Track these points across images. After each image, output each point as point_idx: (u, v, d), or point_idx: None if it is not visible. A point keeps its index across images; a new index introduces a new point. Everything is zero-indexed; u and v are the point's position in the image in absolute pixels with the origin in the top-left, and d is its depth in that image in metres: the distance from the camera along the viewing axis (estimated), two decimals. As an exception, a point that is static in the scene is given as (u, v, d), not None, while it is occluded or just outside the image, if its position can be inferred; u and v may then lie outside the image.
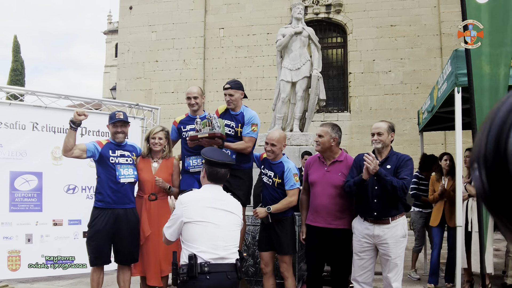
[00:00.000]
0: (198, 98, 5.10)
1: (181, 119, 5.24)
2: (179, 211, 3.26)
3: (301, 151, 7.74)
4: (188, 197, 3.35)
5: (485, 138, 0.63)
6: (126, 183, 4.87)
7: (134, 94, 16.41)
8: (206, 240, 3.21)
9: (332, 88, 15.42)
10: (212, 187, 3.46)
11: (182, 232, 3.25)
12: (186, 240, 3.23)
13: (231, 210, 3.42)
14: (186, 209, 3.24)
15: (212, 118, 4.62)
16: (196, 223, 3.22)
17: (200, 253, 3.15)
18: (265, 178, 4.80)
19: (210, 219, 3.26)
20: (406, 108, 14.68)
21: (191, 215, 3.23)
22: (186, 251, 3.20)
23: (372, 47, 15.22)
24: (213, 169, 3.44)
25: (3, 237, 6.67)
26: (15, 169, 6.86)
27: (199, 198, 3.38)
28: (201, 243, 3.19)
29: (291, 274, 4.74)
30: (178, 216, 3.25)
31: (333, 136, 4.54)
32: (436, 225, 6.51)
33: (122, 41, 17.50)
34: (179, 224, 3.24)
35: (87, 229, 4.94)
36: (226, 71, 16.09)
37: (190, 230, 3.22)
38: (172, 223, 3.30)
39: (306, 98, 8.70)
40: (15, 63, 35.15)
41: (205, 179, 3.49)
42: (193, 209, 3.25)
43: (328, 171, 4.56)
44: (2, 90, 7.45)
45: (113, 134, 4.96)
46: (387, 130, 4.38)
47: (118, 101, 9.28)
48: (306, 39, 8.69)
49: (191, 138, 4.78)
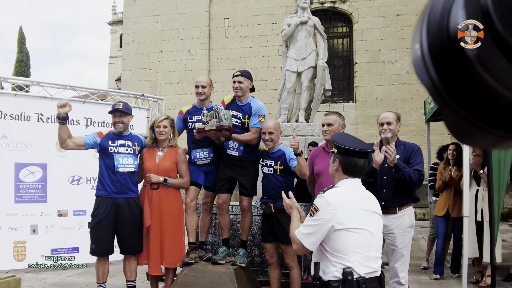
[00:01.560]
0: (206, 88, 5.05)
1: (187, 109, 5.20)
2: (326, 214, 2.63)
3: (307, 142, 7.69)
4: (337, 197, 2.71)
5: (426, 18, 0.59)
6: (125, 173, 4.88)
7: (139, 84, 16.39)
8: (361, 251, 2.67)
9: (338, 78, 15.33)
10: (355, 183, 2.88)
11: (330, 240, 2.66)
12: (335, 251, 2.65)
13: (378, 212, 2.89)
14: (337, 212, 2.63)
15: (219, 110, 4.58)
16: (351, 230, 2.64)
17: (356, 267, 2.62)
18: (265, 168, 4.77)
19: (365, 225, 2.71)
20: (412, 98, 14.59)
21: (344, 221, 2.64)
22: (337, 264, 2.63)
23: (378, 36, 15.11)
24: (350, 159, 2.84)
25: (9, 228, 6.72)
26: (20, 161, 6.88)
27: (349, 198, 2.77)
28: (356, 255, 2.65)
29: (296, 264, 4.72)
30: (325, 220, 2.63)
31: (342, 124, 4.61)
32: (441, 215, 6.50)
33: (127, 32, 17.46)
34: (326, 231, 2.63)
35: (91, 218, 4.96)
36: (231, 61, 16.03)
37: (343, 238, 2.64)
38: (314, 229, 2.66)
39: (312, 88, 8.64)
40: (20, 55, 35.21)
41: (339, 173, 2.90)
42: (346, 212, 2.67)
43: None
44: (8, 81, 7.45)
45: (113, 124, 5.00)
46: (395, 119, 4.41)
47: (123, 91, 9.27)
48: (312, 28, 8.61)
49: (198, 130, 4.75)
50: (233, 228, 5.73)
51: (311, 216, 2.68)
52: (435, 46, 0.58)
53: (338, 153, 2.89)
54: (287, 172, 4.67)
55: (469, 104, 0.57)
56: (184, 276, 4.71)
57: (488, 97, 0.55)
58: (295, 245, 2.78)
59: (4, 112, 6.80)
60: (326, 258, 2.67)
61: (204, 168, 5.06)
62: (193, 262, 4.81)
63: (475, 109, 0.57)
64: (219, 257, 4.87)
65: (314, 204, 2.71)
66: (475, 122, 0.58)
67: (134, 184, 4.97)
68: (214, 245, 5.89)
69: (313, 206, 2.70)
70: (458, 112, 0.58)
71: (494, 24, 0.52)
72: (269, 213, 4.70)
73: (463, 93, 0.57)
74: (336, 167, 2.89)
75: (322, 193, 2.72)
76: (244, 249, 5.00)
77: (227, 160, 4.96)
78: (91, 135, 4.96)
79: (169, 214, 4.91)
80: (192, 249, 4.96)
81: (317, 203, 2.70)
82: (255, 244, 5.74)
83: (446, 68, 0.57)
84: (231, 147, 4.89)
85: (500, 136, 0.59)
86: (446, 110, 0.59)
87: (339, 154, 2.88)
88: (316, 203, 2.71)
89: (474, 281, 6.10)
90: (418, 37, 0.60)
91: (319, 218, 2.65)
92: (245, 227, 4.99)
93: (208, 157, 5.01)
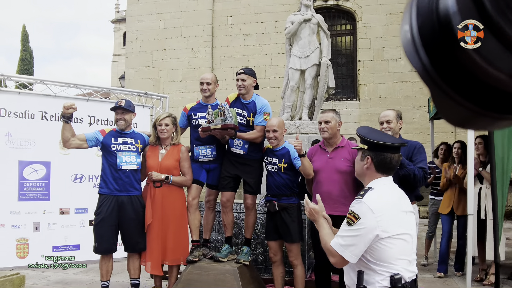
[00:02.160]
0: (210, 85, 5.04)
1: (192, 106, 5.18)
2: (369, 222, 2.35)
3: (310, 140, 7.68)
4: (378, 202, 2.42)
5: None
6: (128, 170, 4.88)
7: (143, 82, 16.41)
8: (405, 256, 2.46)
9: (341, 76, 15.30)
10: (390, 181, 2.61)
11: (373, 250, 2.39)
12: (380, 260, 2.40)
13: (412, 210, 2.65)
14: (381, 219, 2.36)
15: (224, 109, 4.58)
16: (396, 237, 2.39)
17: (403, 273, 2.41)
18: (270, 166, 4.77)
19: (407, 228, 2.47)
20: (416, 96, 14.55)
21: (389, 227, 2.38)
22: (383, 272, 2.40)
23: (382, 34, 15.07)
24: (385, 155, 2.56)
25: (12, 226, 6.74)
26: (23, 158, 6.90)
27: (390, 201, 2.49)
28: (402, 262, 2.43)
29: (300, 262, 4.72)
30: (368, 229, 2.35)
31: (338, 121, 4.57)
32: (446, 213, 6.50)
33: (130, 30, 17.47)
34: (370, 240, 2.36)
35: (94, 216, 4.96)
36: (234, 59, 16.03)
37: (388, 247, 2.38)
38: (356, 240, 2.37)
39: (315, 86, 8.63)
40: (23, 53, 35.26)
41: (371, 171, 2.60)
42: (390, 218, 2.40)
43: (331, 158, 4.55)
44: (12, 79, 7.46)
45: (115, 121, 5.02)
46: (395, 117, 4.41)
47: (127, 89, 9.28)
48: (315, 26, 8.60)
49: (203, 129, 4.74)
50: (237, 226, 5.74)
51: (351, 225, 2.39)
52: (425, 29, 0.57)
53: (369, 149, 2.60)
54: (292, 170, 4.67)
55: (460, 86, 0.57)
56: (188, 274, 4.72)
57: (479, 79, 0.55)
58: (332, 258, 2.46)
59: (8, 110, 6.81)
60: (369, 267, 2.42)
61: (206, 166, 5.05)
62: (197, 260, 4.82)
63: (466, 91, 0.57)
64: (221, 255, 4.87)
65: (352, 211, 2.43)
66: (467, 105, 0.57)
67: (137, 182, 4.97)
68: (217, 243, 5.89)
69: (351, 214, 2.42)
70: (449, 95, 0.58)
71: (484, 5, 0.51)
72: (273, 211, 4.70)
73: (454, 75, 0.56)
74: (368, 165, 2.59)
75: (360, 198, 2.44)
76: (248, 247, 5.00)
77: (231, 158, 4.95)
78: (94, 132, 4.97)
79: (172, 212, 4.91)
80: (196, 247, 4.96)
81: (357, 210, 2.40)
82: (259, 242, 5.75)
83: (437, 50, 0.57)
84: (235, 145, 4.89)
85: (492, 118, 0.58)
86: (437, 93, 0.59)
87: (370, 150, 2.59)
88: (355, 210, 2.41)
89: (478, 279, 6.08)
90: (407, 18, 0.60)
91: (361, 228, 2.36)
92: (249, 224, 4.99)
93: (210, 154, 5.00)
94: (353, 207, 2.44)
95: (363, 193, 2.47)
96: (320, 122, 4.58)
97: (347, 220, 2.43)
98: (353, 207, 2.44)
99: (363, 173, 2.64)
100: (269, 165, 4.76)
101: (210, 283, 4.59)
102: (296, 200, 4.76)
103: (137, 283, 4.99)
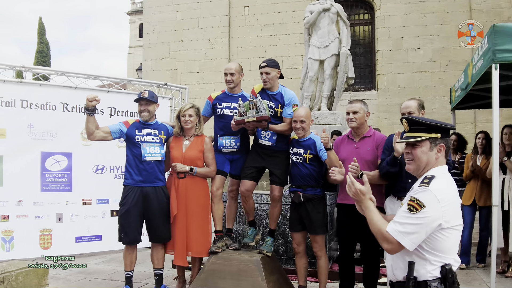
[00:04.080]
0: (234, 75, 4.98)
1: (217, 95, 5.14)
2: (434, 212, 2.29)
3: (329, 130, 7.65)
4: (445, 192, 2.36)
5: None
6: (152, 162, 4.89)
7: (160, 74, 16.45)
8: (457, 247, 2.45)
9: (359, 66, 15.16)
10: (447, 170, 2.54)
11: (432, 239, 2.34)
12: (436, 250, 2.36)
13: None
14: (446, 209, 2.31)
15: (256, 101, 4.56)
16: (455, 228, 2.37)
17: (452, 263, 2.38)
18: (295, 157, 4.75)
19: (461, 218, 2.44)
20: (435, 86, 14.38)
21: (451, 218, 2.34)
22: (437, 262, 2.36)
23: (400, 23, 14.89)
24: (449, 142, 2.55)
25: (35, 216, 6.84)
26: (46, 150, 6.97)
27: (453, 191, 2.43)
28: (454, 252, 2.41)
29: (324, 253, 4.71)
30: (432, 218, 2.29)
31: (366, 111, 4.61)
32: (468, 204, 6.41)
33: (147, 21, 17.50)
34: (432, 229, 2.31)
35: (119, 207, 4.99)
36: (251, 49, 15.98)
37: (447, 236, 2.35)
38: (418, 228, 2.31)
39: (335, 77, 8.59)
40: (40, 45, 35.66)
41: (440, 159, 2.51)
42: (452, 209, 2.36)
43: (357, 148, 4.59)
44: (32, 70, 7.53)
45: (139, 112, 5.01)
46: (417, 108, 4.38)
47: (146, 80, 9.30)
48: (335, 15, 8.54)
49: (237, 122, 4.70)
50: (257, 217, 5.74)
51: (413, 212, 2.31)
52: None
53: (443, 136, 2.48)
54: (317, 161, 4.64)
55: None
56: (211, 264, 4.73)
57: None
58: (387, 244, 2.38)
59: (30, 102, 6.87)
60: (423, 257, 2.37)
61: (229, 156, 5.04)
62: (220, 251, 4.83)
63: None
64: (249, 240, 4.94)
65: (416, 199, 2.33)
66: None
67: (161, 173, 4.98)
68: (238, 233, 5.91)
69: (415, 201, 2.33)
70: None
71: None
72: (298, 202, 4.68)
73: None
74: (440, 153, 2.49)
75: (426, 186, 2.35)
76: (272, 238, 4.99)
77: (259, 150, 4.93)
78: (117, 124, 4.97)
79: (196, 203, 4.91)
80: (219, 237, 4.97)
81: (423, 199, 2.31)
82: (279, 232, 5.75)
83: None
84: (263, 136, 4.85)
85: None
86: None
87: (443, 138, 2.48)
88: (420, 198, 2.32)
89: (501, 271, 6.03)
90: None
91: (425, 216, 2.29)
92: (274, 216, 4.97)
93: (234, 145, 4.99)
94: (417, 194, 2.35)
95: (427, 181, 2.38)
96: (348, 112, 4.58)
97: (409, 207, 2.34)
98: (417, 194, 2.35)
99: (428, 163, 2.50)
100: (294, 155, 4.74)
101: (233, 273, 4.60)
102: (321, 191, 4.74)
103: (161, 273, 5.01)
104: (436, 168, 2.48)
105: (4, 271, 4.57)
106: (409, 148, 2.55)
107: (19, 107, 6.78)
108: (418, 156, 2.51)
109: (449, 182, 2.46)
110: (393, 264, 2.52)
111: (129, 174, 4.90)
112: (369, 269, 4.58)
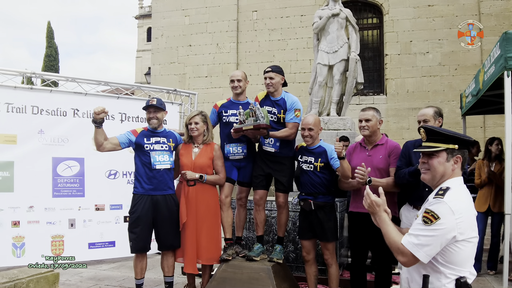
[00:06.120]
0: (241, 82, 5.05)
1: (222, 103, 5.19)
2: (449, 224, 2.27)
3: (338, 136, 7.62)
4: (459, 203, 2.34)
5: None
6: (162, 170, 4.90)
7: (168, 79, 16.50)
8: (472, 259, 2.43)
9: (368, 70, 15.10)
10: (462, 181, 2.52)
11: (446, 252, 2.33)
12: (451, 263, 2.34)
13: None
14: (461, 221, 2.29)
15: (255, 109, 4.57)
16: (470, 240, 2.34)
17: (468, 276, 2.37)
18: (305, 165, 4.74)
19: (476, 230, 2.41)
20: (445, 91, 14.30)
21: (466, 230, 2.32)
22: (451, 275, 2.35)
23: (409, 27, 14.82)
24: (466, 154, 2.54)
25: (47, 222, 6.85)
26: (57, 155, 7.00)
27: (468, 203, 2.42)
28: (470, 265, 2.40)
29: (335, 261, 4.70)
30: (447, 230, 2.27)
31: (379, 119, 4.60)
32: (482, 211, 6.37)
33: (156, 26, 17.55)
34: (447, 241, 2.30)
35: (129, 215, 4.99)
36: (259, 54, 15.98)
37: (462, 249, 2.33)
38: (432, 240, 2.29)
39: (344, 82, 8.56)
40: (49, 49, 35.81)
41: (456, 171, 2.51)
42: (467, 220, 2.33)
43: (370, 155, 4.57)
44: (43, 76, 7.58)
45: (147, 120, 5.02)
46: (433, 116, 4.33)
47: (156, 86, 9.33)
48: (344, 21, 8.51)
49: (235, 130, 4.75)
50: (268, 224, 5.73)
51: (428, 224, 2.30)
52: None
53: (460, 148, 2.48)
54: (328, 169, 4.64)
55: None
56: (222, 272, 4.73)
57: None
58: (402, 257, 2.37)
59: (40, 108, 6.92)
60: (437, 270, 2.36)
61: (237, 164, 5.05)
62: (230, 258, 4.83)
63: None
64: (254, 254, 4.87)
65: (431, 211, 2.32)
66: None
67: (170, 181, 4.98)
68: (248, 241, 5.90)
69: (430, 213, 2.32)
70: None
71: None
72: (309, 209, 4.67)
73: None
74: (457, 165, 2.50)
75: (441, 197, 2.34)
76: (281, 245, 4.99)
77: (263, 156, 4.95)
78: (125, 134, 4.98)
79: (206, 210, 4.90)
80: (229, 245, 4.97)
81: (437, 210, 2.30)
82: (289, 239, 5.74)
83: None
84: (267, 143, 4.88)
85: None
86: None
87: (458, 150, 2.48)
88: (434, 210, 2.31)
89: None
90: None
91: (440, 228, 2.27)
92: (282, 223, 4.98)
93: (241, 152, 5.01)
94: (432, 206, 2.34)
95: (442, 192, 2.37)
96: (360, 120, 4.56)
97: (424, 219, 2.33)
98: (431, 205, 2.35)
99: (446, 174, 2.49)
100: (304, 163, 4.73)
101: (244, 281, 4.60)
102: (332, 199, 4.73)
103: (171, 280, 5.02)
104: (452, 179, 2.47)
105: (15, 278, 4.57)
106: (425, 158, 2.55)
107: (29, 113, 6.83)
108: (435, 166, 2.50)
109: (465, 193, 2.44)
110: (409, 277, 2.52)
111: (138, 183, 4.91)
112: (381, 277, 4.55)
